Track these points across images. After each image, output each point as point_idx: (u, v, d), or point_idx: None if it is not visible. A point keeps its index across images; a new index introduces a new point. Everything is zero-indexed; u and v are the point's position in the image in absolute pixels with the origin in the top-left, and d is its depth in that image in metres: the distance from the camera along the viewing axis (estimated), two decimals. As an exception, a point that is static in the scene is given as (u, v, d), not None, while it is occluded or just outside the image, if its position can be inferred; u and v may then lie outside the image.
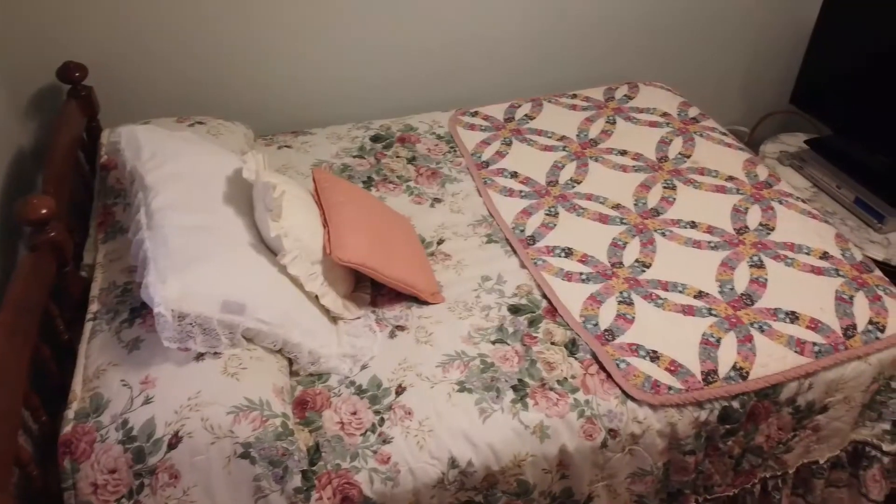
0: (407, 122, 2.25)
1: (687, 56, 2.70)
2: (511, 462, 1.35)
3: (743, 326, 1.55)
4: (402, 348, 1.51)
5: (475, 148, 2.13)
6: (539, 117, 2.26)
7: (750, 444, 1.54)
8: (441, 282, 1.68)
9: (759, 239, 1.79)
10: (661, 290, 1.64)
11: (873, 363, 1.54)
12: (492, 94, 2.45)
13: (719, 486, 1.57)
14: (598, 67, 2.58)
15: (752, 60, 2.80)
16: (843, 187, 2.35)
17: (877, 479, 1.63)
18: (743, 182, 1.99)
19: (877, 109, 2.31)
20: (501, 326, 1.56)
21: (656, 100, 2.36)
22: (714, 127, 2.24)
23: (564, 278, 1.67)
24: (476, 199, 1.94)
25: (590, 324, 1.55)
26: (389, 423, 1.36)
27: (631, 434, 1.40)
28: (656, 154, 2.10)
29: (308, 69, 2.24)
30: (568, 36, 2.48)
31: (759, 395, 1.47)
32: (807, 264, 1.71)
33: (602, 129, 2.21)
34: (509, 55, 2.44)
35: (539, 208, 1.89)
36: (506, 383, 1.43)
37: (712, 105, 2.76)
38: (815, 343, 1.52)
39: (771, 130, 2.90)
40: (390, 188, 1.97)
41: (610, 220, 1.85)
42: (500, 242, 1.79)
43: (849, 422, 1.59)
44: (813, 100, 2.58)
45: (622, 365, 1.46)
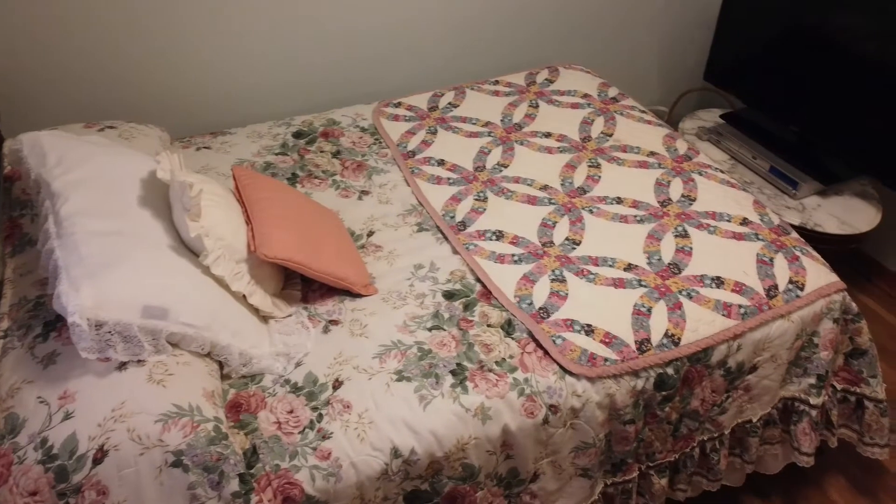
0: (329, 116, 2.21)
1: (604, 40, 2.75)
2: (455, 447, 1.34)
3: (672, 295, 1.59)
4: (336, 342, 1.48)
5: (400, 138, 2.11)
6: (463, 105, 2.26)
7: (686, 408, 1.58)
8: (373, 273, 1.66)
9: (683, 210, 1.83)
10: (592, 265, 1.66)
11: (795, 321, 1.60)
12: (414, 85, 2.44)
13: (660, 452, 1.60)
14: (519, 54, 2.60)
15: (666, 42, 2.87)
16: (759, 158, 2.44)
17: (807, 433, 1.69)
18: (664, 157, 2.04)
19: (784, 82, 2.41)
20: (437, 313, 1.54)
21: (576, 82, 2.40)
22: (633, 106, 2.29)
23: (497, 261, 1.67)
24: (404, 188, 1.92)
25: (524, 303, 1.56)
26: (328, 418, 1.33)
27: (571, 408, 1.41)
28: (579, 134, 2.13)
29: (223, 69, 2.18)
30: (488, 24, 2.49)
31: (691, 360, 1.51)
32: (728, 231, 1.77)
33: (525, 113, 2.22)
34: (430, 45, 2.43)
35: (468, 194, 1.88)
36: (444, 368, 1.42)
37: (631, 87, 2.83)
38: (741, 305, 1.57)
39: (688, 108, 2.99)
40: (316, 183, 1.93)
41: (538, 201, 1.86)
42: (430, 230, 1.78)
43: (777, 379, 1.65)
44: (725, 76, 2.67)
45: (558, 341, 1.47)
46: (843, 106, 2.23)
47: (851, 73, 2.17)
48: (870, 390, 1.75)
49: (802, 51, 2.32)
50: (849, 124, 2.23)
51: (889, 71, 2.06)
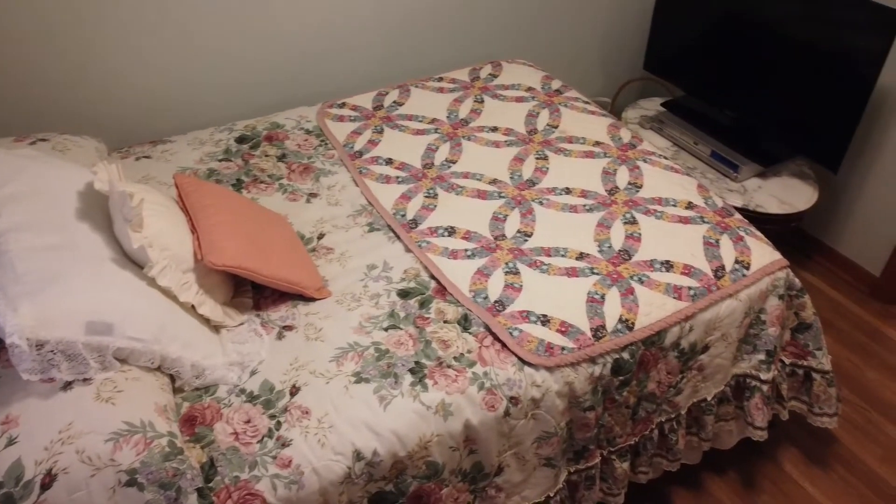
0: (273, 119, 2.17)
1: (546, 34, 2.78)
2: (417, 445, 1.33)
3: (624, 281, 1.61)
4: (292, 348, 1.45)
5: (346, 139, 2.09)
6: (408, 103, 2.25)
7: (643, 391, 1.60)
8: (326, 276, 1.63)
9: (630, 197, 1.86)
10: (545, 256, 1.67)
11: (743, 299, 1.64)
12: (358, 85, 2.42)
13: (620, 436, 1.63)
14: (462, 50, 2.61)
15: (606, 34, 2.91)
16: (700, 143, 2.49)
17: (759, 407, 1.74)
18: (609, 146, 2.07)
19: (720, 69, 2.47)
20: (392, 312, 1.53)
21: (520, 76, 2.41)
22: (577, 97, 2.32)
23: (450, 257, 1.66)
24: (353, 189, 1.90)
25: (480, 297, 1.56)
26: (287, 425, 1.30)
27: (532, 399, 1.42)
28: (526, 127, 2.14)
29: (160, 75, 2.11)
30: (429, 21, 2.48)
31: (646, 344, 1.53)
32: (675, 215, 1.80)
33: (471, 109, 2.22)
34: (372, 44, 2.41)
35: (418, 191, 1.87)
36: (403, 367, 1.41)
37: (574, 79, 2.87)
38: (691, 287, 1.60)
39: (630, 97, 3.04)
40: (262, 188, 1.90)
41: (488, 195, 1.87)
42: (382, 230, 1.77)
43: (729, 358, 1.69)
44: (664, 65, 2.72)
45: (515, 333, 1.47)
46: (775, 89, 2.30)
47: (782, 57, 2.24)
48: (816, 362, 1.80)
49: (735, 37, 2.38)
50: (782, 107, 2.30)
51: (817, 55, 2.13)
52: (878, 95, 2.32)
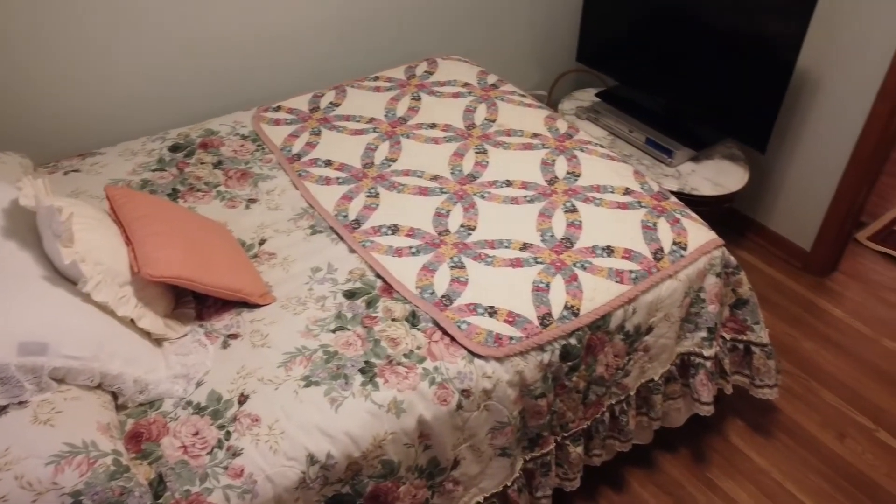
0: (207, 126, 2.13)
1: (480, 30, 2.79)
2: (371, 444, 1.32)
3: (567, 268, 1.63)
4: (238, 356, 1.43)
5: (284, 142, 2.06)
6: (345, 103, 2.24)
7: (592, 375, 1.63)
8: (270, 282, 1.61)
9: (569, 186, 1.89)
10: (489, 248, 1.69)
11: (683, 279, 1.68)
12: (293, 88, 2.39)
13: (573, 421, 1.65)
14: (396, 48, 2.60)
15: (538, 27, 2.95)
16: (635, 131, 2.55)
17: (704, 383, 1.79)
18: (546, 137, 2.09)
19: (649, 57, 2.54)
20: (339, 313, 1.52)
21: (456, 72, 2.42)
22: (513, 90, 2.34)
23: (395, 255, 1.66)
24: (293, 192, 1.88)
25: (426, 293, 1.56)
26: (237, 434, 1.28)
27: (483, 390, 1.43)
28: (464, 123, 2.15)
29: (87, 85, 2.04)
30: (362, 21, 2.46)
31: (592, 328, 1.56)
32: (613, 201, 1.84)
33: (409, 107, 2.22)
34: (306, 46, 2.38)
35: (359, 192, 1.86)
36: (353, 368, 1.40)
37: (510, 73, 2.89)
38: (632, 270, 1.64)
39: (566, 89, 3.09)
40: (199, 196, 1.86)
41: (430, 191, 1.87)
42: (324, 232, 1.75)
43: (672, 337, 1.73)
44: (596, 56, 2.77)
45: (463, 326, 1.48)
46: (703, 76, 2.37)
47: (708, 44, 2.31)
48: (755, 336, 1.87)
49: (663, 27, 2.44)
50: (710, 92, 2.38)
51: (740, 41, 2.21)
52: (798, 77, 2.41)
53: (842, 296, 2.56)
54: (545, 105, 2.32)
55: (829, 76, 2.34)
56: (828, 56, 2.31)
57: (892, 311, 2.49)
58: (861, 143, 2.34)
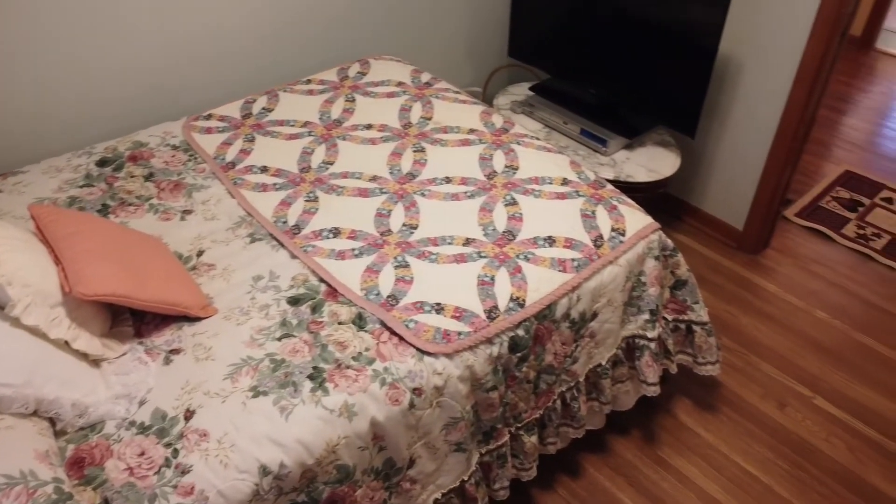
0: (135, 139, 2.06)
1: (410, 29, 2.79)
2: (325, 450, 1.31)
3: (511, 260, 1.65)
4: (181, 372, 1.39)
5: (216, 151, 2.01)
6: (277, 108, 2.20)
7: (542, 365, 1.65)
8: (210, 293, 1.57)
9: (508, 179, 1.91)
10: (432, 246, 1.69)
11: (623, 264, 1.72)
12: (223, 95, 2.34)
13: (525, 411, 1.67)
14: (327, 51, 2.57)
15: (469, 24, 2.96)
16: (569, 122, 2.59)
17: (650, 365, 1.84)
18: (483, 132, 2.11)
19: (578, 50, 2.58)
20: (284, 321, 1.50)
21: (389, 72, 2.41)
22: (447, 88, 2.35)
23: (337, 258, 1.64)
24: (229, 201, 1.84)
25: (372, 294, 1.55)
26: (185, 451, 1.24)
27: (435, 387, 1.43)
28: (400, 122, 2.15)
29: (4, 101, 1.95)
30: (293, 25, 2.43)
31: (538, 318, 1.58)
32: (552, 192, 1.86)
33: (343, 108, 2.21)
34: (234, 52, 2.33)
35: (297, 196, 1.84)
36: (301, 375, 1.38)
37: (443, 71, 2.90)
38: (574, 259, 1.67)
39: (500, 85, 3.12)
40: (131, 211, 1.80)
41: (370, 192, 1.86)
42: (264, 239, 1.72)
43: (617, 321, 1.77)
44: (527, 51, 2.81)
45: (411, 325, 1.48)
46: (631, 65, 2.43)
47: (634, 35, 2.37)
48: (695, 315, 1.93)
49: (590, 18, 2.49)
50: (639, 81, 2.43)
51: (664, 30, 2.27)
52: (721, 63, 2.49)
53: (774, 271, 2.66)
54: (480, 101, 2.33)
55: (750, 61, 2.42)
56: (748, 42, 2.40)
57: (822, 283, 2.60)
58: (783, 125, 2.43)
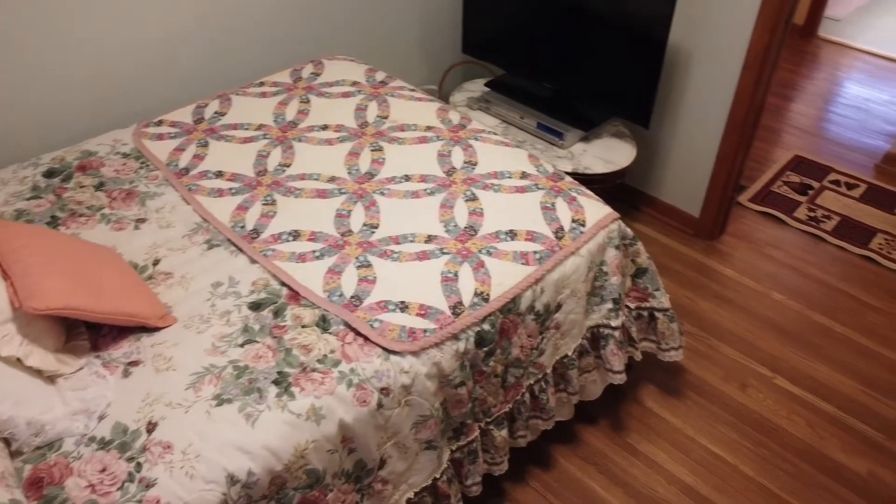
0: (84, 148, 2.00)
1: (364, 29, 2.77)
2: (293, 455, 1.29)
3: (473, 256, 1.65)
4: (141, 384, 1.35)
5: (169, 157, 1.97)
6: (230, 112, 2.16)
7: (509, 358, 1.65)
8: (168, 302, 1.54)
9: (467, 175, 1.91)
10: (394, 244, 1.68)
11: (584, 255, 1.73)
12: (173, 100, 2.29)
13: (494, 406, 1.67)
14: (280, 53, 2.54)
15: (423, 22, 2.96)
16: (526, 117, 2.60)
17: (615, 353, 1.85)
18: (440, 129, 2.11)
19: (531, 44, 2.59)
20: (246, 327, 1.47)
21: (343, 72, 2.39)
22: (402, 86, 2.34)
23: (298, 260, 1.62)
24: (184, 208, 1.80)
25: (335, 296, 1.53)
26: (148, 464, 1.21)
27: (402, 386, 1.42)
28: (356, 121, 2.13)
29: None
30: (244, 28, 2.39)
31: (503, 312, 1.58)
32: (511, 186, 1.87)
33: (298, 110, 2.18)
34: (184, 57, 2.29)
35: (254, 200, 1.81)
36: (266, 380, 1.36)
37: (399, 71, 2.89)
38: (536, 251, 1.67)
39: (456, 81, 3.12)
40: (82, 222, 1.75)
41: (329, 193, 1.84)
42: (222, 245, 1.69)
43: (581, 312, 1.78)
44: (481, 47, 2.81)
45: (376, 324, 1.47)
46: (584, 58, 2.45)
47: (586, 28, 2.39)
48: (657, 302, 1.95)
49: (542, 13, 2.51)
50: (593, 74, 2.46)
51: (615, 22, 2.29)
52: (672, 54, 2.54)
53: (731, 256, 2.71)
54: (436, 98, 2.33)
55: (700, 52, 2.47)
56: (696, 33, 2.44)
57: (777, 266, 2.67)
58: (733, 113, 2.48)
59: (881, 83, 3.93)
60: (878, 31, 4.46)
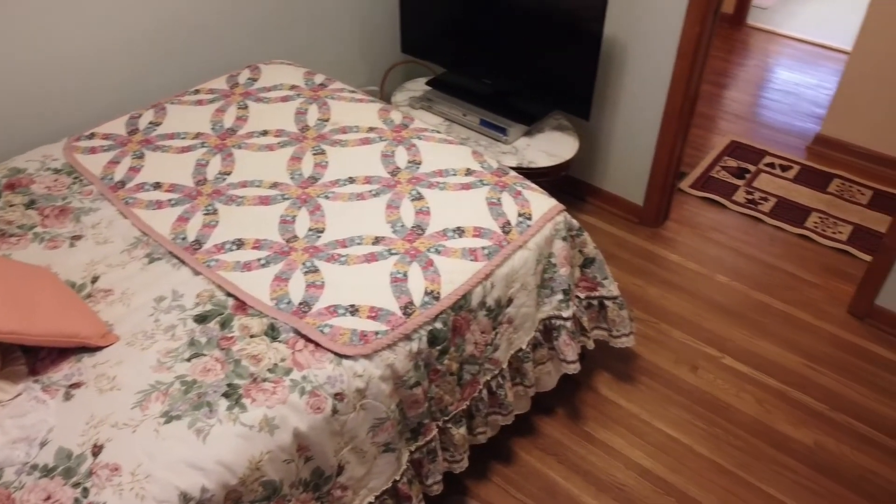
0: (11, 165, 1.92)
1: (300, 33, 2.73)
2: (248, 468, 1.26)
3: (422, 255, 1.64)
4: (85, 406, 1.30)
5: (103, 171, 1.91)
6: (166, 121, 2.11)
7: (463, 355, 1.65)
8: (109, 320, 1.49)
9: (412, 174, 1.90)
10: (341, 248, 1.66)
11: (532, 248, 1.75)
12: (105, 112, 2.21)
13: (451, 404, 1.67)
14: (215, 60, 2.48)
15: (360, 24, 2.93)
16: (468, 114, 2.61)
17: (568, 343, 1.87)
18: (383, 129, 2.09)
19: (469, 42, 2.60)
20: (192, 340, 1.43)
21: (281, 76, 2.36)
22: (342, 88, 2.32)
23: (244, 269, 1.59)
24: (122, 222, 1.75)
25: (283, 303, 1.51)
26: (96, 489, 1.17)
27: (356, 390, 1.41)
28: (297, 125, 2.10)
29: None
30: (178, 35, 2.33)
31: (455, 309, 1.58)
32: (457, 184, 1.87)
33: (236, 116, 2.14)
34: (114, 67, 2.21)
35: (195, 211, 1.77)
36: (215, 394, 1.32)
37: (338, 73, 2.86)
38: (484, 247, 1.68)
39: (397, 82, 3.11)
40: (13, 242, 1.68)
41: (272, 199, 1.81)
42: (163, 258, 1.64)
43: (532, 305, 1.79)
44: (420, 46, 2.81)
45: (326, 330, 1.45)
46: (523, 54, 2.47)
47: (522, 23, 2.41)
48: (606, 291, 1.98)
49: (477, 10, 2.52)
50: (532, 69, 2.48)
51: (551, 17, 2.32)
52: (608, 45, 2.58)
53: (675, 241, 2.78)
54: (378, 99, 2.32)
55: (635, 43, 2.51)
56: (631, 23, 2.49)
57: (719, 249, 2.74)
58: (669, 101, 2.54)
59: (809, 68, 4.08)
60: (803, 17, 4.63)
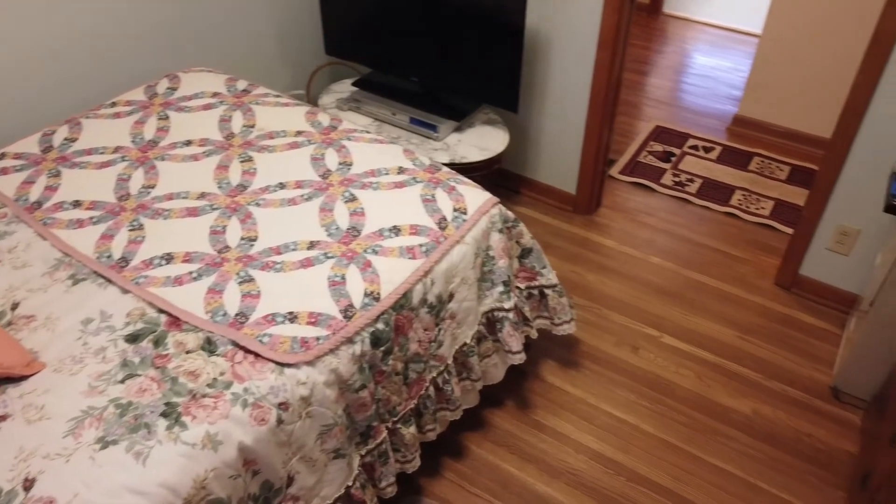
0: (-86, 191, 1.81)
1: (220, 39, 2.67)
2: (193, 488, 1.22)
3: (359, 256, 1.62)
4: (12, 439, 1.24)
5: (17, 192, 1.81)
6: (82, 137, 2.02)
7: (408, 354, 1.64)
8: (34, 347, 1.41)
9: (344, 176, 1.88)
10: (276, 255, 1.63)
11: (470, 242, 1.75)
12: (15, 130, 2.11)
13: (399, 404, 1.66)
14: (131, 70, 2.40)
15: (281, 27, 2.88)
16: (398, 113, 2.60)
17: (511, 334, 1.89)
18: (311, 133, 2.06)
19: (393, 40, 2.59)
20: (125, 361, 1.38)
21: (201, 84, 2.29)
22: (266, 93, 2.27)
23: (175, 284, 1.54)
24: (41, 244, 1.66)
25: (218, 316, 1.47)
26: (29, 526, 1.11)
27: (301, 398, 1.38)
28: (221, 133, 2.05)
29: None
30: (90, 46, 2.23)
31: (396, 309, 1.57)
32: (390, 183, 1.86)
33: (157, 128, 2.07)
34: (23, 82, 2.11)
35: (119, 227, 1.70)
36: (153, 414, 1.28)
37: (262, 78, 2.80)
38: (422, 244, 1.67)
39: (323, 84, 3.07)
40: (-79, 272, 1.58)
41: (200, 210, 1.76)
42: (88, 278, 1.57)
43: (474, 299, 1.80)
44: (344, 47, 2.78)
45: (265, 339, 1.42)
46: (447, 50, 2.48)
47: (445, 20, 2.41)
48: (545, 280, 2.00)
49: (397, 8, 2.51)
50: (457, 65, 2.49)
51: (473, 12, 2.33)
52: (531, 38, 2.61)
53: (609, 227, 2.83)
54: (304, 102, 2.28)
55: (558, 34, 2.55)
56: (552, 16, 2.52)
57: (651, 231, 2.81)
58: (594, 90, 2.59)
59: (724, 52, 4.23)
60: (717, 4, 4.79)
